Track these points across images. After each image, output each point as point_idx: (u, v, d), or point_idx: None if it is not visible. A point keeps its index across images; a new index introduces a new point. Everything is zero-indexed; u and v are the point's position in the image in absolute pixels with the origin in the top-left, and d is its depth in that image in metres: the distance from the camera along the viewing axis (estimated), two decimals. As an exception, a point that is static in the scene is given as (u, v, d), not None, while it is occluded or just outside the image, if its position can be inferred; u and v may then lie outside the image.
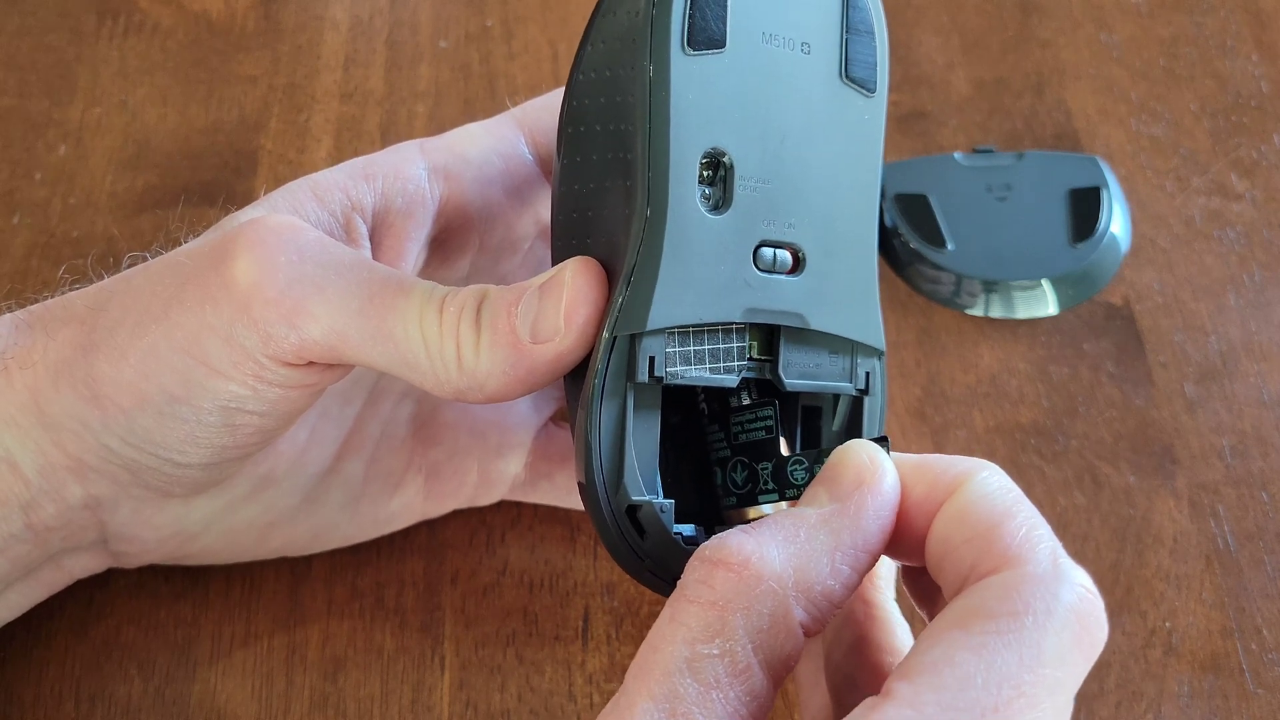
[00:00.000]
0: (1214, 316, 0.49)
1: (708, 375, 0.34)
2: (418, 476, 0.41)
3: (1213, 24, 0.57)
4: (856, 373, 0.36)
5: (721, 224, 0.34)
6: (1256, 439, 0.46)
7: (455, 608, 0.42)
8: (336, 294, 0.34)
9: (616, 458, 0.33)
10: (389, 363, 0.34)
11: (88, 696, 0.40)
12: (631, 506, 0.33)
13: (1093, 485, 0.45)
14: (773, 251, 0.34)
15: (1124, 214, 0.51)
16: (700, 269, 0.33)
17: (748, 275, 0.34)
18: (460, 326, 0.33)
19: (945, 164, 0.52)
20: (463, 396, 0.34)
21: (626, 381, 0.33)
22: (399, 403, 0.41)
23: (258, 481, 0.39)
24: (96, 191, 0.52)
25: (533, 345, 0.33)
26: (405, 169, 0.38)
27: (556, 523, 0.44)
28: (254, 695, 0.40)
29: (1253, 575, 0.43)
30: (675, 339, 0.34)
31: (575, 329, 0.33)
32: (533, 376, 0.33)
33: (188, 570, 0.42)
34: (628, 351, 0.33)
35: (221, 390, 0.34)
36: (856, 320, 0.36)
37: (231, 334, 0.33)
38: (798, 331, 0.35)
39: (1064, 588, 0.28)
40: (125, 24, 0.57)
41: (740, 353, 0.35)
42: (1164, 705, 0.40)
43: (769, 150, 0.34)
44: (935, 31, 0.56)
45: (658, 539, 0.33)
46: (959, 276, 0.49)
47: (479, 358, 0.33)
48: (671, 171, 0.33)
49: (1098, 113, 0.54)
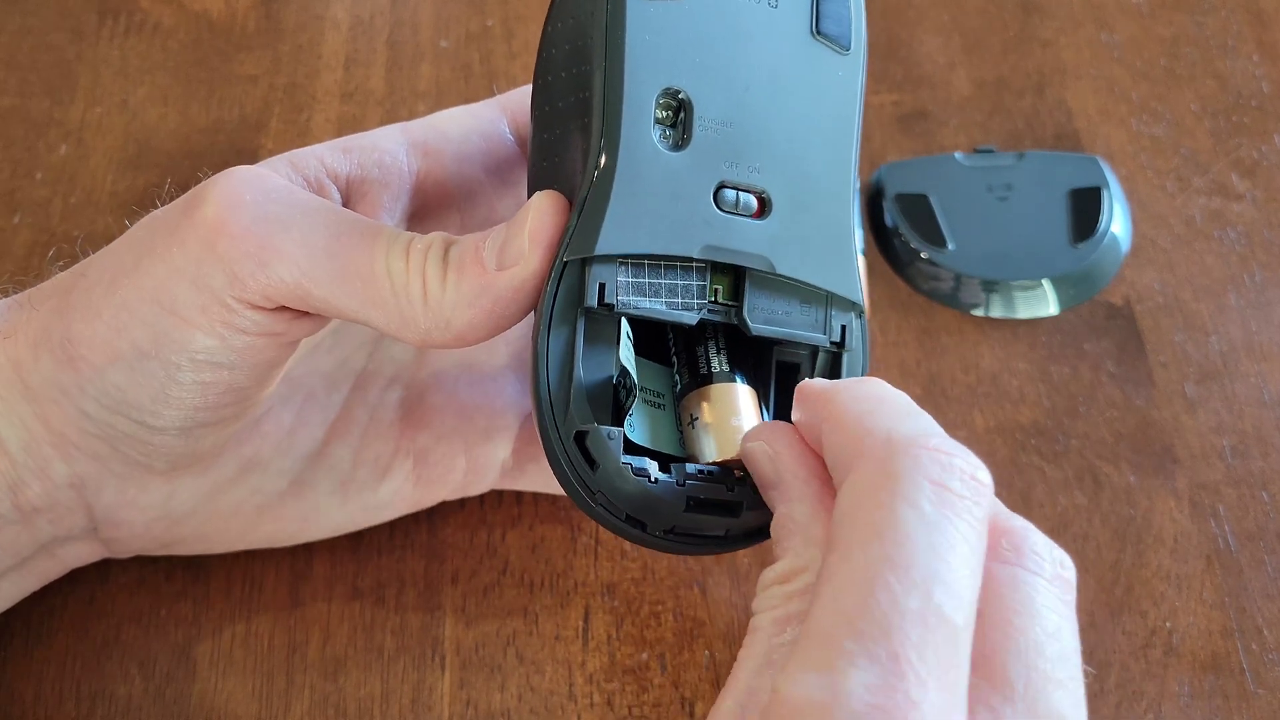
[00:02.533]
0: (1214, 316, 0.48)
1: (664, 310, 0.34)
2: (406, 461, 0.41)
3: (1213, 24, 0.57)
4: (830, 325, 0.36)
5: (678, 160, 0.34)
6: (1257, 439, 0.46)
7: (456, 607, 0.42)
8: (303, 233, 0.34)
9: (565, 383, 0.33)
10: (356, 304, 0.34)
11: (88, 695, 0.40)
12: (579, 433, 0.33)
13: (1093, 485, 0.45)
14: (735, 193, 0.34)
15: (1124, 214, 0.51)
16: (655, 202, 0.33)
17: (707, 213, 0.34)
18: (427, 264, 0.34)
19: (946, 164, 0.52)
20: (430, 339, 0.34)
21: (578, 308, 0.33)
22: (386, 388, 0.41)
23: (243, 463, 0.39)
24: (97, 191, 0.52)
25: (498, 273, 0.33)
26: (383, 143, 0.38)
27: (557, 523, 0.44)
28: (254, 694, 0.40)
29: (1253, 575, 0.43)
30: (629, 270, 0.34)
31: (539, 251, 0.33)
32: (498, 307, 0.34)
33: (188, 569, 0.42)
34: (579, 277, 0.33)
35: (190, 341, 0.34)
36: (830, 272, 0.36)
37: (199, 275, 0.34)
38: (766, 277, 0.35)
39: (899, 459, 0.28)
40: (126, 24, 0.57)
41: (700, 291, 0.34)
42: (1164, 705, 0.40)
43: (732, 96, 0.34)
44: (935, 31, 0.56)
45: (608, 469, 0.33)
46: (959, 276, 0.49)
47: (445, 292, 0.34)
48: (625, 105, 0.33)
49: (1098, 113, 0.54)
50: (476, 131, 0.39)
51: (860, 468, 0.28)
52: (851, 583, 0.26)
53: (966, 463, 0.28)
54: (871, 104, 0.54)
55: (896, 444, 0.28)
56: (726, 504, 0.34)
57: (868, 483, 0.28)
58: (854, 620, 0.26)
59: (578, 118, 0.35)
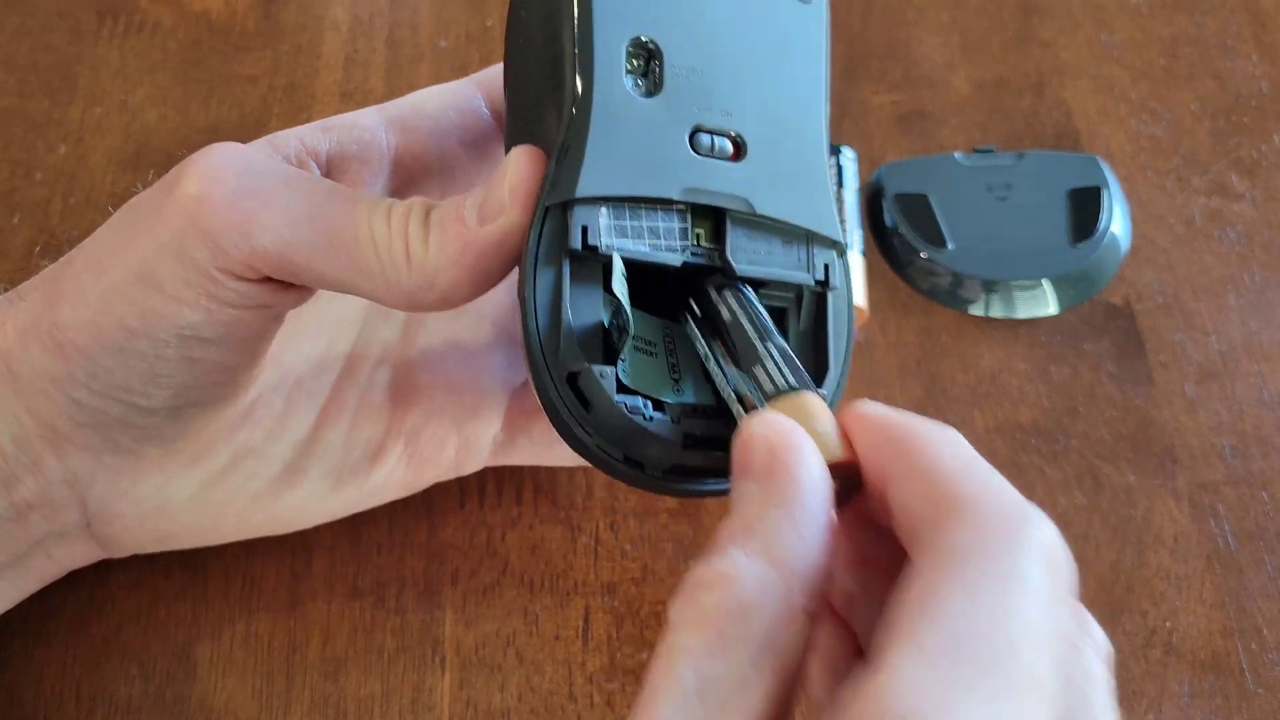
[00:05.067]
0: (1214, 316, 0.49)
1: (648, 251, 0.34)
2: (397, 443, 0.41)
3: (1213, 24, 0.57)
4: (814, 263, 0.36)
5: (652, 106, 0.35)
6: (1257, 439, 0.46)
7: (456, 607, 0.42)
8: (285, 202, 0.34)
9: (554, 326, 0.33)
10: (340, 270, 0.34)
11: (88, 696, 0.40)
12: (571, 374, 0.33)
13: (1093, 485, 0.45)
14: (710, 137, 0.35)
15: (1124, 214, 0.51)
16: (631, 146, 0.34)
17: (684, 156, 0.35)
18: (409, 225, 0.34)
19: (945, 164, 0.52)
20: (416, 300, 0.34)
21: (562, 252, 0.34)
22: (374, 370, 0.41)
23: (235, 451, 0.39)
24: (97, 191, 0.52)
25: (480, 229, 0.34)
26: (361, 120, 0.38)
27: (556, 523, 0.44)
28: (254, 695, 0.40)
29: (1253, 575, 0.43)
30: (611, 212, 0.34)
31: (519, 202, 0.34)
32: (482, 262, 0.34)
33: (188, 569, 0.42)
34: (561, 222, 0.34)
35: (177, 317, 0.34)
36: (808, 210, 0.36)
37: (183, 248, 0.34)
38: (746, 219, 0.35)
39: (1030, 521, 0.26)
40: (125, 24, 0.57)
41: (683, 233, 0.35)
42: (1164, 705, 0.40)
43: (700, 44, 0.35)
44: (935, 31, 0.56)
45: (602, 410, 0.33)
46: (959, 276, 0.49)
47: (428, 250, 0.34)
48: (597, 54, 0.34)
49: (1098, 113, 0.54)
50: (453, 107, 0.40)
51: (975, 524, 0.26)
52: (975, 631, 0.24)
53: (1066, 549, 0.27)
54: (871, 104, 0.54)
55: (1026, 511, 0.26)
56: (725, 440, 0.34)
57: (990, 538, 0.26)
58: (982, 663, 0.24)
59: (550, 76, 0.35)
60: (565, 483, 0.44)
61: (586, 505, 0.44)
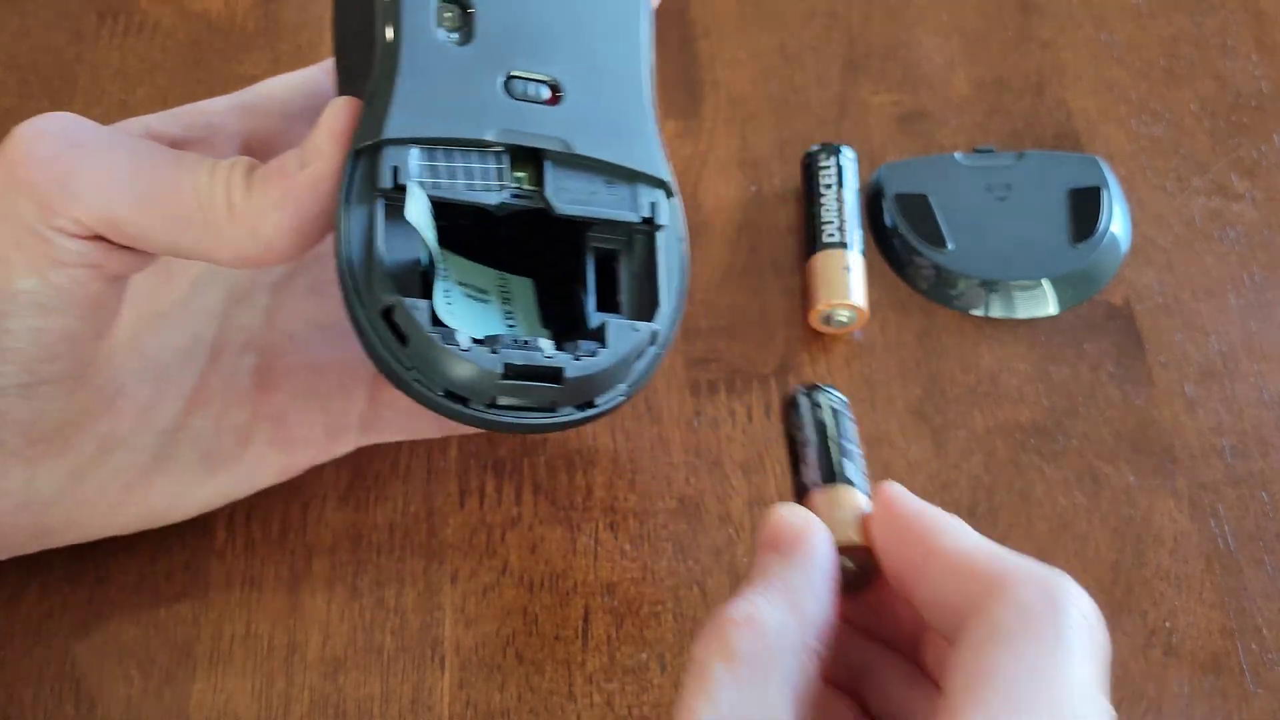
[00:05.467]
0: (1214, 316, 0.49)
1: (464, 192, 0.35)
2: (265, 425, 0.41)
3: (1213, 24, 0.57)
4: (639, 202, 0.36)
5: (465, 53, 0.35)
6: (1256, 439, 0.46)
7: (455, 607, 0.42)
8: (108, 158, 0.35)
9: (366, 262, 0.34)
10: (164, 224, 0.35)
11: (88, 696, 0.40)
12: (386, 309, 0.34)
13: (1093, 485, 0.45)
14: (525, 83, 0.36)
15: (1124, 214, 0.51)
16: (443, 90, 0.35)
17: (498, 101, 0.35)
18: (231, 177, 0.35)
19: (945, 164, 0.52)
20: (241, 252, 0.35)
21: (375, 192, 0.34)
22: (240, 355, 0.42)
23: (101, 441, 0.39)
24: (97, 191, 0.52)
25: (299, 173, 0.34)
26: (209, 107, 0.39)
27: (556, 523, 0.44)
28: (254, 695, 0.40)
29: (1253, 575, 0.43)
30: (425, 154, 0.35)
31: (336, 145, 0.35)
32: (303, 207, 0.34)
33: (188, 569, 0.42)
34: (374, 163, 0.34)
35: (11, 283, 0.35)
36: (630, 150, 0.36)
37: (10, 209, 0.34)
38: (567, 159, 0.36)
39: (1068, 594, 0.29)
40: (125, 24, 0.57)
41: (500, 174, 0.35)
42: (1164, 705, 0.40)
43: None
44: (935, 31, 0.56)
45: (418, 341, 0.33)
46: (959, 276, 0.49)
47: (249, 200, 0.34)
48: (405, 5, 0.35)
49: (1098, 113, 0.54)
50: (301, 91, 0.40)
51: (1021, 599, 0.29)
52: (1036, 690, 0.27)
53: None
54: (871, 104, 0.54)
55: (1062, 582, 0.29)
56: (547, 370, 0.34)
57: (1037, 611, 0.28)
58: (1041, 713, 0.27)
59: (368, 31, 0.36)
60: (565, 483, 0.44)
61: (586, 505, 0.44)
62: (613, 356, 0.35)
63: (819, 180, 0.49)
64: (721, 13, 0.57)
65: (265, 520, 0.43)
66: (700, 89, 0.54)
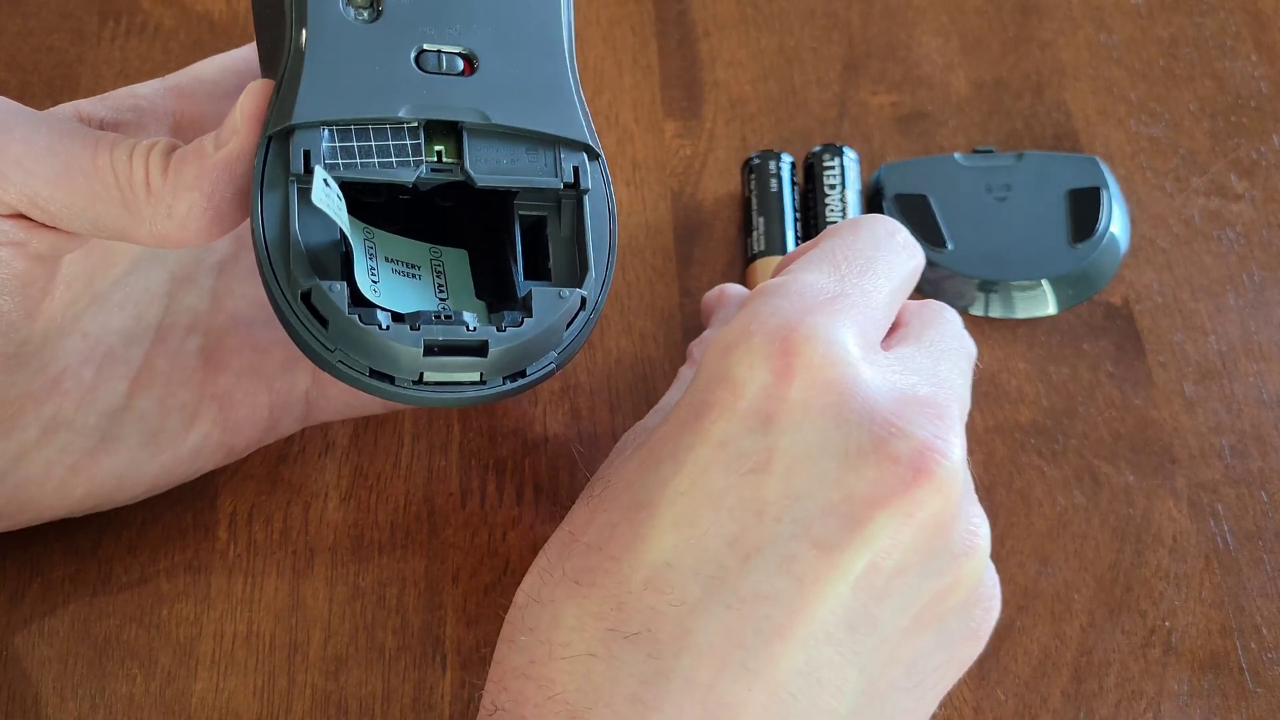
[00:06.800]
0: (1214, 316, 0.49)
1: (378, 171, 0.35)
2: (211, 405, 0.41)
3: (1212, 24, 0.57)
4: (562, 167, 0.37)
5: (373, 30, 0.35)
6: (1256, 439, 0.46)
7: (457, 607, 0.42)
8: (25, 133, 0.35)
9: (283, 247, 0.34)
10: (81, 201, 0.35)
11: (89, 695, 0.40)
12: (305, 293, 0.34)
13: (1092, 485, 0.45)
14: (438, 56, 0.36)
15: (1123, 214, 0.51)
16: (352, 70, 0.35)
17: (409, 76, 0.35)
18: (150, 156, 0.35)
19: (945, 164, 0.52)
20: (157, 230, 0.35)
21: (289, 176, 0.34)
22: (185, 337, 0.42)
23: (45, 422, 0.39)
24: (98, 192, 0.52)
25: (215, 154, 0.35)
26: (139, 90, 0.39)
27: (557, 523, 0.44)
28: (256, 694, 0.40)
29: (1252, 575, 0.43)
30: (337, 135, 0.35)
31: (250, 124, 0.35)
32: (218, 189, 0.35)
33: (189, 569, 0.42)
34: (286, 148, 0.35)
35: None
36: (550, 117, 0.36)
37: None
38: (485, 130, 0.36)
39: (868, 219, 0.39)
40: (127, 25, 0.57)
41: (415, 150, 0.35)
42: (1163, 704, 0.40)
43: None
44: (935, 32, 0.56)
45: (339, 323, 0.34)
46: (959, 276, 0.49)
47: (166, 179, 0.35)
48: None
49: (1097, 113, 0.54)
50: (232, 72, 0.40)
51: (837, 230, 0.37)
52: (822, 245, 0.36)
53: None
54: (870, 104, 0.54)
55: (869, 219, 0.38)
56: (470, 345, 0.35)
57: (848, 224, 0.38)
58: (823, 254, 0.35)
59: (278, 15, 0.36)
60: (566, 482, 0.44)
61: (587, 505, 0.44)
62: (538, 325, 0.35)
63: (822, 181, 0.50)
64: (721, 13, 0.57)
65: (267, 520, 0.43)
66: (700, 89, 0.54)
